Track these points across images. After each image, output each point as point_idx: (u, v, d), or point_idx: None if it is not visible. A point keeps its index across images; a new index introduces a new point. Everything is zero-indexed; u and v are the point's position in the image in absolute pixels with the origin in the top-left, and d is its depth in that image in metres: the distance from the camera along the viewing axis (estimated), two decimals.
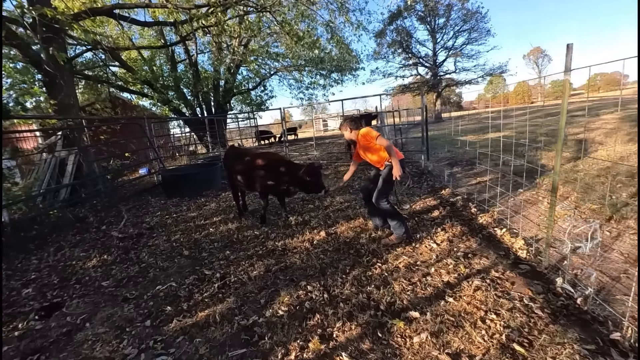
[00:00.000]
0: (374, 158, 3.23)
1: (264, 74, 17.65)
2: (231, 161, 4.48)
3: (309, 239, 3.56)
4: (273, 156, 4.05)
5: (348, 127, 3.29)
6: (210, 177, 6.91)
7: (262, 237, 3.78)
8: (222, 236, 3.97)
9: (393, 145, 3.09)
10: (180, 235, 4.17)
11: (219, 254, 3.40)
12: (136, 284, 3.00)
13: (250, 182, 4.13)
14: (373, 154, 3.22)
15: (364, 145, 3.24)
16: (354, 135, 3.30)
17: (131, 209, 5.86)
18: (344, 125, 3.33)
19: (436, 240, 3.24)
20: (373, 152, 3.20)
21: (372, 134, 3.11)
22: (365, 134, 3.15)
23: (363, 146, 3.27)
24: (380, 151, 3.14)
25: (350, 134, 3.30)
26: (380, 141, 3.02)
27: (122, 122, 8.09)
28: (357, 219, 4.07)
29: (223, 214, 5.01)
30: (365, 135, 3.16)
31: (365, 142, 3.18)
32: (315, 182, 3.70)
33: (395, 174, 3.00)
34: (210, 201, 5.95)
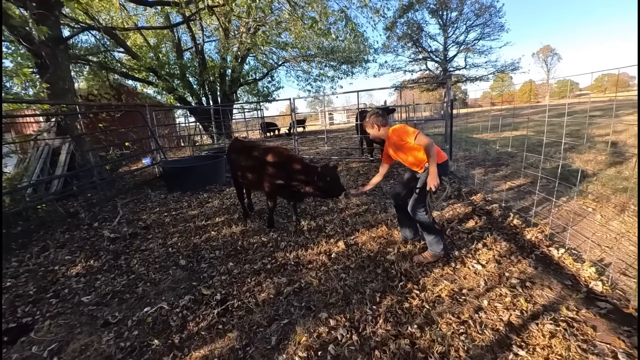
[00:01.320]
0: (409, 159, 2.68)
1: (272, 64, 17.01)
2: (235, 155, 3.95)
3: (325, 251, 3.04)
4: (283, 152, 3.52)
5: (375, 124, 2.74)
6: (214, 170, 6.41)
7: (270, 246, 3.27)
8: (225, 242, 3.47)
9: (435, 145, 2.53)
10: (178, 239, 3.68)
11: (220, 267, 2.90)
12: (121, 301, 2.52)
13: (256, 180, 3.61)
14: (407, 154, 2.66)
15: (396, 143, 2.69)
16: (383, 133, 2.75)
17: (128, 204, 5.40)
18: (369, 122, 2.76)
19: (480, 260, 2.70)
20: (407, 152, 2.65)
21: (408, 131, 2.55)
22: (399, 131, 2.59)
23: (395, 145, 2.72)
24: (416, 151, 2.59)
25: (379, 131, 2.75)
26: (420, 140, 2.45)
27: (122, 110, 7.58)
28: (380, 226, 3.54)
29: (227, 213, 4.51)
30: (398, 133, 2.60)
31: (398, 141, 2.62)
32: (333, 185, 3.17)
33: (430, 183, 2.44)
34: (214, 197, 5.46)
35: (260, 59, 16.86)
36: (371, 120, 2.75)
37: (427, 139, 2.45)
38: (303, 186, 3.30)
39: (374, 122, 2.74)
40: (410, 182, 2.84)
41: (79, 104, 5.89)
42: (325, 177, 3.12)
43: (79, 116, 5.75)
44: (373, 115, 2.78)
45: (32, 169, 5.35)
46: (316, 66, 16.81)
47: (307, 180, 3.24)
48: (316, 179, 3.14)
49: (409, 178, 2.86)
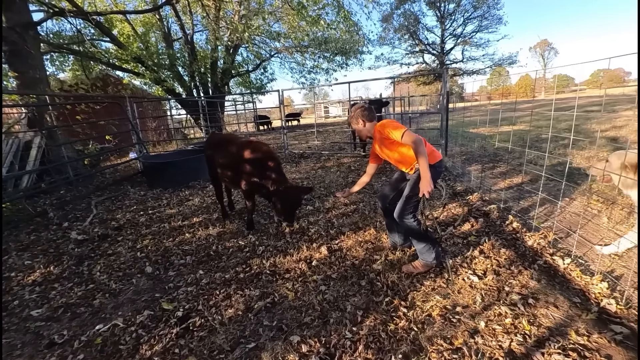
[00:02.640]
0: (394, 156, 2.40)
1: (264, 55, 16.52)
2: (212, 151, 3.64)
3: (306, 258, 2.77)
4: (261, 147, 3.21)
5: (360, 119, 2.44)
6: (197, 165, 6.08)
7: (247, 251, 2.99)
8: (199, 246, 3.18)
9: (424, 142, 2.25)
10: (150, 241, 3.38)
11: (188, 276, 2.61)
12: (74, 316, 2.23)
13: (233, 177, 3.32)
14: (393, 150, 2.38)
15: (381, 139, 2.40)
16: (369, 129, 2.46)
17: (104, 201, 5.08)
18: (354, 117, 2.47)
19: (476, 270, 2.44)
20: (393, 148, 2.36)
21: (395, 126, 2.27)
22: (384, 127, 2.30)
23: (380, 140, 2.43)
24: (402, 147, 2.30)
25: (364, 127, 2.46)
26: (407, 138, 2.15)
27: (99, 101, 7.18)
28: (367, 229, 3.27)
29: (206, 212, 4.22)
30: (383, 126, 2.31)
31: (383, 136, 2.34)
32: (284, 210, 3.04)
33: (424, 189, 2.14)
34: (195, 194, 5.15)
35: (252, 50, 16.35)
36: (356, 114, 2.46)
37: (413, 136, 2.14)
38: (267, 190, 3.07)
39: (359, 117, 2.44)
40: (399, 183, 2.56)
41: (49, 95, 5.51)
42: (281, 198, 2.98)
43: (50, 107, 5.37)
44: (359, 109, 2.47)
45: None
46: (310, 57, 16.36)
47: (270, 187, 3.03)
48: (277, 191, 2.98)
49: (398, 179, 2.58)
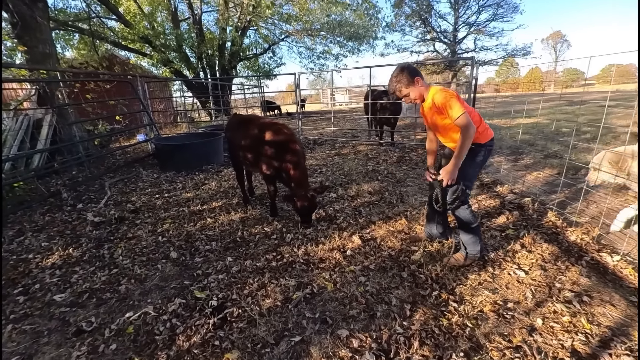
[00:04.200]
0: (446, 137, 2.20)
1: (273, 38, 16.07)
2: (234, 132, 3.47)
3: (339, 247, 2.64)
4: (283, 130, 3.04)
5: (405, 80, 2.04)
6: (211, 149, 5.93)
7: (274, 238, 2.87)
8: (223, 231, 3.06)
9: (480, 120, 2.07)
10: (170, 225, 3.27)
11: (217, 262, 2.49)
12: (100, 303, 2.13)
13: (254, 160, 3.16)
14: (445, 133, 2.18)
15: (435, 108, 2.06)
16: (419, 93, 2.09)
17: (117, 183, 4.95)
18: (397, 79, 2.06)
19: (521, 264, 2.31)
20: (445, 130, 2.16)
21: (452, 103, 1.93)
22: (444, 98, 1.95)
23: (433, 114, 2.11)
24: (453, 132, 2.12)
25: (414, 89, 2.06)
26: (461, 121, 1.92)
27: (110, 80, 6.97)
28: (398, 219, 3.14)
29: (224, 197, 4.09)
30: (443, 100, 1.95)
31: (440, 108, 2.00)
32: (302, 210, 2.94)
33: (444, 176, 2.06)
34: (210, 178, 5.01)
35: (261, 33, 15.91)
36: (401, 77, 2.06)
37: (467, 122, 1.93)
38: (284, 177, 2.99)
39: (404, 78, 2.05)
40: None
41: (60, 71, 5.30)
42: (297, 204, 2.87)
43: (61, 84, 5.17)
44: (405, 70, 2.07)
45: (10, 143, 4.84)
46: (321, 42, 15.92)
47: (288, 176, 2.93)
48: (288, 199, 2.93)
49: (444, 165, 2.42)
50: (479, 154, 2.16)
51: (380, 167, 5.17)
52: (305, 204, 2.83)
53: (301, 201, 2.82)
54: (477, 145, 2.12)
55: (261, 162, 3.03)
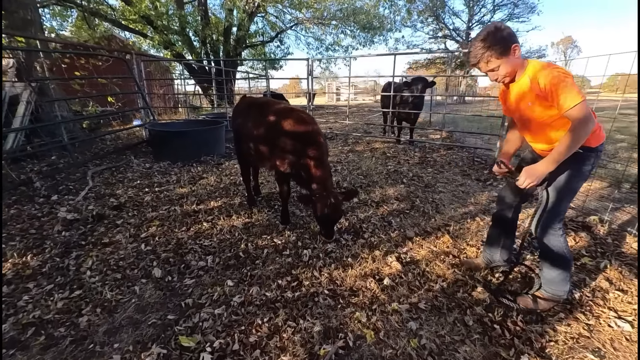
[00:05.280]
0: (537, 122, 1.54)
1: (281, 26, 15.31)
2: (243, 118, 2.85)
3: (372, 272, 2.04)
4: (308, 120, 2.41)
5: (500, 46, 1.42)
6: (211, 138, 5.30)
7: (287, 254, 2.26)
8: (222, 242, 2.45)
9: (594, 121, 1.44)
10: (157, 229, 2.65)
11: (213, 288, 1.88)
12: (48, 344, 1.52)
13: (268, 154, 2.53)
14: (543, 130, 1.56)
15: (534, 94, 1.45)
16: (508, 69, 1.47)
17: (103, 172, 4.32)
18: (486, 44, 1.43)
19: (619, 311, 1.72)
20: (543, 113, 1.49)
21: (568, 87, 1.33)
22: (553, 78, 1.35)
23: (529, 94, 1.47)
24: (555, 129, 1.50)
25: (507, 62, 1.45)
26: (578, 112, 1.32)
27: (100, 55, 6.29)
28: (439, 235, 2.54)
29: (225, 195, 3.47)
30: (551, 80, 1.34)
31: (546, 93, 1.39)
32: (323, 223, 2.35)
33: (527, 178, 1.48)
34: (209, 172, 4.39)
35: (269, 20, 15.17)
36: (494, 40, 1.42)
37: (585, 111, 1.33)
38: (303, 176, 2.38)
39: (501, 44, 1.42)
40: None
41: (41, 39, 4.63)
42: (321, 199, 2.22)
43: (41, 54, 4.51)
44: (502, 30, 1.43)
45: None
46: (331, 32, 15.17)
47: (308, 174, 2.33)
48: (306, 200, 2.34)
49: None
50: (588, 161, 1.54)
51: (402, 167, 4.56)
52: (329, 209, 2.20)
53: (323, 204, 2.19)
54: (587, 149, 1.50)
55: (276, 156, 2.41)
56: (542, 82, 1.39)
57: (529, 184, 1.50)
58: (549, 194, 1.61)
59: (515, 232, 2.03)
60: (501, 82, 1.59)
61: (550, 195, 1.60)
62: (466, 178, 4.11)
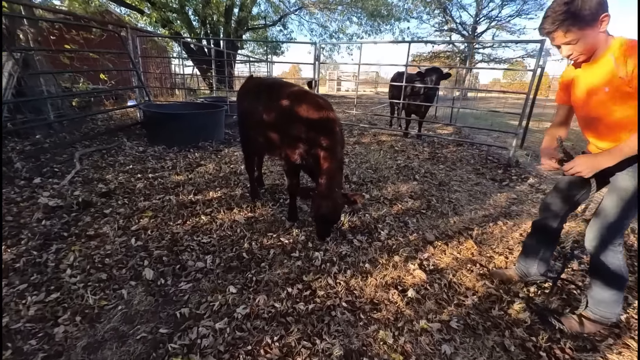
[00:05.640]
0: (613, 116, 1.26)
1: (285, 9, 14.71)
2: (250, 101, 2.55)
3: (394, 281, 1.81)
4: (325, 107, 2.13)
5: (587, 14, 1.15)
6: (210, 122, 4.97)
7: (297, 257, 2.02)
8: (222, 239, 2.19)
9: None
10: (150, 221, 2.38)
11: (213, 296, 1.63)
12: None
13: (279, 142, 2.26)
14: (615, 130, 1.30)
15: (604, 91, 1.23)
16: (588, 44, 1.21)
17: (93, 154, 4.00)
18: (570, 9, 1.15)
19: None
20: (623, 104, 1.21)
21: None
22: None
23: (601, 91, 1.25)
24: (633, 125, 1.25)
25: (590, 35, 1.19)
26: None
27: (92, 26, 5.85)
28: (461, 239, 2.31)
29: (225, 185, 3.20)
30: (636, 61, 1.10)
31: (620, 90, 1.18)
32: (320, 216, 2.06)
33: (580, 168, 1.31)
34: (207, 158, 4.10)
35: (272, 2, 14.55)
36: (581, 4, 1.14)
37: None
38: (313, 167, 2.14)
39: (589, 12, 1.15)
40: (580, 188, 1.55)
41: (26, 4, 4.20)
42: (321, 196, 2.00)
43: (25, 22, 4.10)
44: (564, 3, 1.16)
45: None
46: (337, 18, 14.62)
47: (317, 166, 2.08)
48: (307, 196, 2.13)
49: (575, 181, 1.55)
50: None
51: (412, 163, 4.31)
52: (325, 208, 1.96)
53: (320, 201, 1.96)
54: None
55: (286, 144, 2.14)
56: (632, 67, 1.13)
57: (575, 172, 1.29)
58: (611, 205, 1.37)
59: (556, 244, 1.81)
60: (573, 61, 1.32)
61: (614, 206, 1.37)
62: (480, 177, 3.89)
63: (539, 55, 3.98)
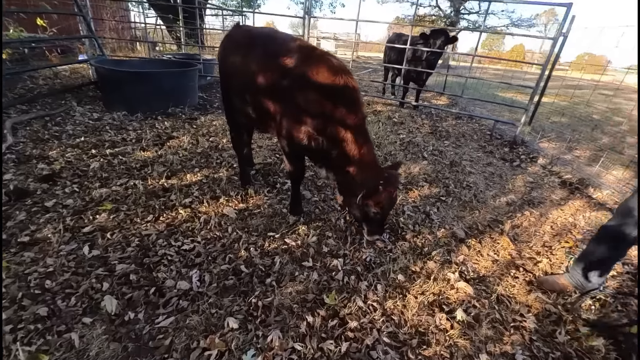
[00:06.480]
0: None
1: None
2: (237, 56, 1.92)
3: (434, 298, 1.45)
4: (341, 66, 1.59)
5: None
6: (181, 84, 4.19)
7: (310, 266, 1.59)
8: (209, 242, 1.70)
9: None
10: (110, 218, 1.82)
11: (206, 339, 1.18)
12: None
13: (276, 114, 1.72)
14: None
15: None
16: None
17: (31, 123, 3.19)
18: None
19: None
20: None
21: None
22: None
23: None
24: None
25: None
26: None
27: None
28: (493, 235, 2.00)
29: (205, 165, 2.64)
30: None
31: None
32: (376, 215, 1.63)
33: None
34: (181, 129, 3.44)
35: None
36: None
37: None
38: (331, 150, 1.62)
39: None
40: None
41: None
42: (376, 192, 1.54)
43: None
44: None
45: None
46: None
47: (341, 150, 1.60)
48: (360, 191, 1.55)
49: None
50: None
51: (416, 138, 3.90)
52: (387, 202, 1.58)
53: (382, 198, 1.54)
54: None
55: (290, 119, 1.62)
56: None
57: None
58: None
59: (625, 254, 1.52)
60: None
61: None
62: (490, 156, 3.59)
63: (563, 22, 3.55)
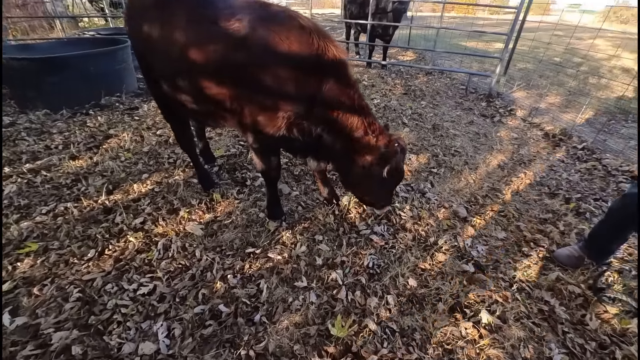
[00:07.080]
0: None
1: None
2: (152, 26, 1.40)
3: (454, 300, 1.26)
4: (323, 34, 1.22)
5: None
6: (113, 66, 3.46)
7: (304, 286, 1.32)
8: (174, 276, 1.35)
9: None
10: (39, 267, 1.39)
11: None
12: None
13: (232, 101, 1.32)
14: None
15: None
16: None
17: None
18: None
19: None
20: None
21: None
22: None
23: None
24: None
25: None
26: None
27: None
28: (495, 207, 1.84)
29: (155, 168, 2.18)
30: None
31: None
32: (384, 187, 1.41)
33: None
34: (119, 124, 2.85)
35: None
36: None
37: None
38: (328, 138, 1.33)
39: None
40: None
41: None
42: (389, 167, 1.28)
43: None
44: None
45: None
46: None
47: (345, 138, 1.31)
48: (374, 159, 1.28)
49: None
50: None
51: (391, 102, 3.60)
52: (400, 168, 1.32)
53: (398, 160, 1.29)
54: None
55: (257, 105, 1.25)
56: None
57: None
58: None
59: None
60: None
61: None
62: (470, 114, 3.41)
63: None
